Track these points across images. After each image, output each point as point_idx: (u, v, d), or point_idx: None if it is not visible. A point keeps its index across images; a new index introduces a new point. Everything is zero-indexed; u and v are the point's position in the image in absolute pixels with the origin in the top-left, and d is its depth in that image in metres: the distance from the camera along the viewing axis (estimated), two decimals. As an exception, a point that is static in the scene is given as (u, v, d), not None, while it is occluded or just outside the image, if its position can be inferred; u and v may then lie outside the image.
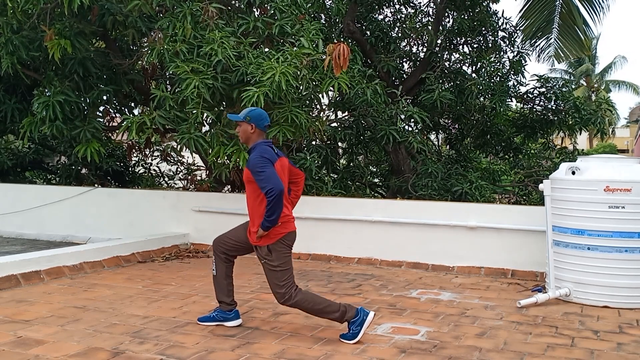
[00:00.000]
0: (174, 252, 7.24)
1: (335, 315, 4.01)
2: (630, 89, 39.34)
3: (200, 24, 6.40)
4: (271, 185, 3.86)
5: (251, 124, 4.09)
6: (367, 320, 4.01)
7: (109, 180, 11.12)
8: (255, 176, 3.95)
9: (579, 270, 5.11)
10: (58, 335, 4.04)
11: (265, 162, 3.95)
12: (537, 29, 9.98)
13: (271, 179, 3.89)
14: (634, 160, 5.38)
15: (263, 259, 4.07)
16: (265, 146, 4.08)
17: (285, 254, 4.05)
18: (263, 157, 3.96)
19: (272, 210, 3.88)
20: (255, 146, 4.08)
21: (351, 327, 3.99)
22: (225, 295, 4.32)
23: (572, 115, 9.48)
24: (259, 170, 3.92)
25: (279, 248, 4.02)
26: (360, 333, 3.98)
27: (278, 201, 3.87)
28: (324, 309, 4.02)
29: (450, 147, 10.97)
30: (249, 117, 4.10)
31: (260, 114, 4.17)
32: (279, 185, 3.88)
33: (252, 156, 4.03)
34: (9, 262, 5.54)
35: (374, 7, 10.09)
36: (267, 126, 4.21)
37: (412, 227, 6.69)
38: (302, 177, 4.42)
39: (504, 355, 3.78)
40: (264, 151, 4.02)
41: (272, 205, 3.87)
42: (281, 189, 3.89)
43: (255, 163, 3.95)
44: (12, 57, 7.09)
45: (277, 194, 3.85)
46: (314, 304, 4.03)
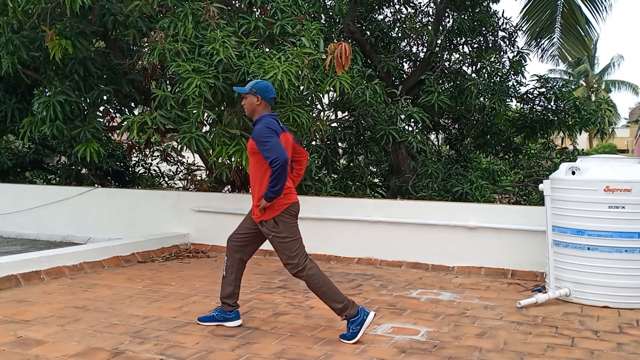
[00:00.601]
0: (174, 252, 7.24)
1: (338, 306, 4.00)
2: (629, 89, 39.35)
3: (201, 23, 6.41)
4: (276, 154, 3.86)
5: (257, 96, 4.10)
6: (367, 321, 4.00)
7: (109, 180, 11.12)
8: (259, 146, 3.94)
9: (578, 270, 5.11)
10: (58, 335, 4.05)
11: (271, 133, 3.95)
12: (540, 28, 10.00)
13: (276, 149, 3.88)
14: (634, 160, 5.38)
15: (271, 232, 4.05)
16: (271, 118, 4.09)
17: (292, 224, 4.05)
18: (268, 128, 3.97)
19: (276, 180, 3.88)
20: (261, 118, 4.09)
21: (350, 327, 3.99)
22: (229, 297, 4.31)
23: (572, 116, 9.49)
24: (263, 140, 3.92)
25: (285, 219, 4.02)
26: (360, 333, 3.97)
27: (283, 171, 3.87)
28: (330, 294, 4.00)
29: (450, 147, 10.97)
30: (254, 89, 4.11)
31: (267, 85, 4.18)
32: (283, 154, 3.88)
33: (257, 127, 4.02)
34: (9, 262, 5.54)
35: (374, 7, 10.10)
36: (272, 98, 4.21)
37: (412, 227, 6.69)
38: (306, 157, 4.42)
39: (504, 355, 3.78)
40: (269, 123, 4.02)
41: (276, 174, 3.86)
42: (286, 158, 3.89)
43: (261, 133, 3.95)
44: (12, 57, 7.09)
45: (282, 163, 3.85)
46: (322, 284, 4.01)
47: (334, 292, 4.03)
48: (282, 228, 4.02)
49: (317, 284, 4.03)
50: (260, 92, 4.11)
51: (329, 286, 4.03)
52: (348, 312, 3.99)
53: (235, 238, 4.33)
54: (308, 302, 5.00)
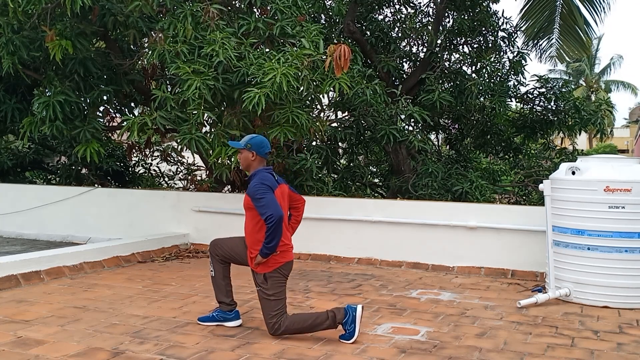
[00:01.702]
0: (174, 252, 7.24)
1: (327, 323, 4.00)
2: (629, 89, 39.36)
3: (201, 24, 6.41)
4: (271, 211, 3.88)
5: (252, 152, 4.13)
6: (357, 316, 4.01)
7: (109, 180, 11.12)
8: (255, 202, 3.96)
9: (578, 271, 5.11)
10: (58, 335, 4.05)
11: (266, 189, 3.97)
12: (539, 29, 10.00)
13: (271, 205, 3.90)
14: (634, 160, 5.38)
15: (258, 286, 4.09)
16: (266, 173, 4.10)
17: (281, 284, 4.07)
18: (263, 184, 3.98)
19: (271, 237, 3.90)
20: (256, 173, 4.11)
21: (345, 328, 4.00)
22: (224, 295, 4.33)
23: (572, 116, 9.49)
24: (258, 197, 3.94)
25: (275, 277, 4.03)
26: (356, 330, 3.97)
27: (277, 227, 3.89)
28: (313, 323, 4.02)
29: (450, 147, 10.97)
30: (249, 145, 4.13)
31: (262, 141, 4.20)
32: (278, 211, 3.90)
33: (252, 183, 4.04)
34: (9, 262, 5.54)
35: (374, 7, 10.09)
36: (267, 153, 4.23)
37: (412, 227, 6.69)
38: (303, 203, 4.43)
39: (504, 355, 3.78)
40: (264, 178, 4.04)
41: (271, 231, 3.88)
42: (281, 214, 3.90)
43: (256, 190, 3.97)
44: (12, 57, 7.10)
45: (277, 220, 3.87)
46: (302, 322, 4.04)
47: (314, 317, 4.03)
48: (269, 285, 4.02)
49: (298, 326, 4.03)
50: (255, 148, 4.12)
51: (306, 319, 4.04)
52: (337, 319, 4.00)
53: (220, 248, 4.35)
54: (308, 302, 5.00)
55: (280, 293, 4.06)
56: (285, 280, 4.11)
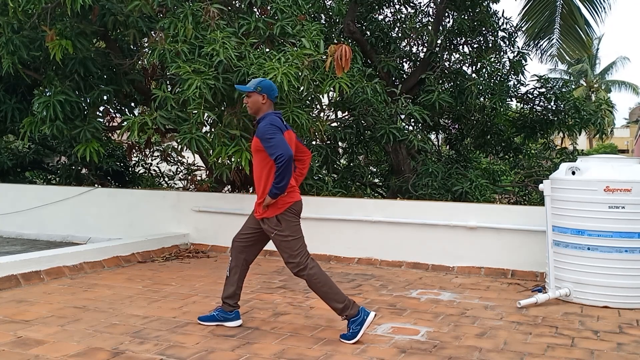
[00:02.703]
0: (174, 252, 7.24)
1: (339, 306, 4.00)
2: (630, 89, 39.35)
3: (201, 24, 6.41)
4: (281, 150, 3.86)
5: (263, 94, 4.10)
6: (368, 321, 4.00)
7: (109, 180, 11.12)
8: (264, 143, 3.94)
9: (578, 271, 5.11)
10: (58, 335, 4.05)
11: (275, 130, 3.95)
12: (539, 29, 10.00)
13: (280, 145, 3.89)
14: (634, 160, 5.38)
15: (273, 230, 4.05)
16: (275, 116, 4.08)
17: (295, 223, 4.05)
18: (273, 125, 3.97)
19: (281, 176, 3.88)
20: (265, 116, 4.08)
21: (351, 326, 3.99)
22: (231, 297, 4.31)
23: (572, 116, 9.50)
24: (268, 137, 3.92)
25: (287, 217, 4.02)
26: (360, 333, 3.97)
27: (287, 167, 3.88)
28: (331, 294, 4.01)
29: (450, 147, 10.98)
30: (260, 87, 4.10)
31: (271, 84, 4.19)
32: (288, 150, 3.89)
33: (261, 124, 4.01)
34: (9, 262, 5.54)
35: (374, 7, 10.10)
36: (277, 97, 4.24)
37: (412, 227, 6.69)
38: (309, 156, 4.41)
39: (504, 355, 3.78)
40: (273, 120, 4.02)
41: (281, 170, 3.87)
42: (291, 154, 3.89)
43: (265, 130, 3.95)
44: (12, 57, 7.10)
45: (287, 159, 3.86)
46: (324, 284, 4.02)
47: (335, 291, 4.03)
48: (284, 226, 4.02)
49: (319, 284, 4.03)
50: (265, 91, 4.11)
51: (330, 286, 4.03)
52: (349, 312, 3.99)
53: (240, 238, 4.34)
54: (308, 302, 5.00)
55: (297, 232, 4.05)
56: (298, 220, 4.09)
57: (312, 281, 4.04)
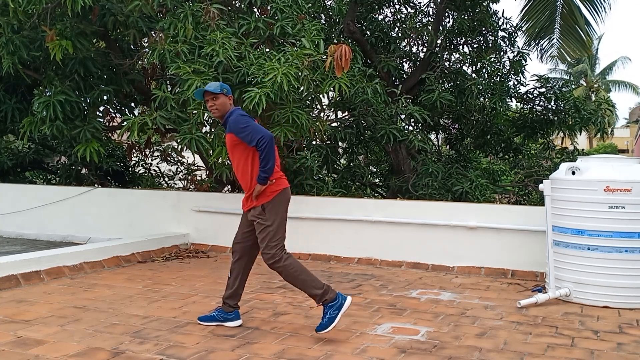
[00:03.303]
0: (174, 252, 7.24)
1: (318, 292, 4.00)
2: (630, 89, 39.35)
3: (201, 24, 6.41)
4: (260, 134, 3.93)
5: (229, 96, 4.20)
6: (345, 306, 4.02)
7: (109, 180, 11.12)
8: (240, 134, 3.99)
9: (579, 270, 5.11)
10: (58, 335, 4.05)
11: (247, 118, 4.04)
12: (540, 29, 10.01)
13: (257, 129, 3.97)
14: (634, 160, 5.38)
15: (256, 218, 4.07)
16: (240, 110, 4.16)
17: (280, 212, 4.07)
18: (242, 116, 4.05)
19: (266, 159, 3.94)
20: (231, 112, 4.14)
21: (328, 311, 3.98)
22: (231, 297, 4.32)
23: (572, 116, 9.49)
24: (242, 126, 3.99)
25: (274, 206, 4.05)
26: (337, 318, 3.97)
27: (270, 148, 3.93)
28: (309, 281, 4.02)
29: (450, 147, 10.98)
30: (225, 90, 4.18)
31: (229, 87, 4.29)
32: (267, 132, 3.96)
33: (230, 119, 4.07)
34: (9, 262, 5.54)
35: (374, 7, 10.10)
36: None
37: (412, 227, 6.69)
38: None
39: (504, 355, 3.78)
40: (241, 113, 4.11)
41: (265, 153, 3.92)
42: (271, 135, 3.95)
43: (237, 121, 4.01)
44: (12, 57, 7.10)
45: (269, 141, 3.92)
46: (300, 272, 4.03)
47: (312, 278, 4.05)
48: (268, 216, 4.04)
49: (295, 272, 4.03)
50: (230, 92, 4.22)
51: (306, 273, 4.05)
52: (328, 296, 4.01)
53: (237, 240, 4.36)
54: (308, 302, 5.00)
55: (280, 223, 4.06)
56: (283, 210, 4.10)
57: (288, 272, 4.04)
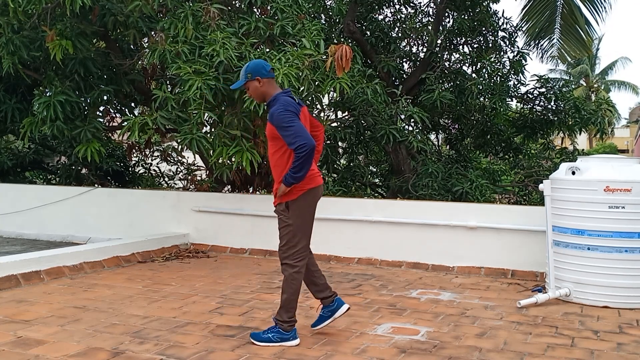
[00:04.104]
0: (174, 252, 7.24)
1: (285, 317, 3.86)
2: (630, 89, 39.36)
3: (201, 24, 6.41)
4: (303, 140, 3.61)
5: (256, 78, 3.84)
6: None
7: (109, 180, 11.13)
8: (281, 132, 3.68)
9: (578, 270, 5.11)
10: (58, 335, 4.05)
11: (292, 116, 3.68)
12: (540, 29, 10.00)
13: (301, 134, 3.63)
14: (634, 160, 5.38)
15: (280, 214, 3.85)
16: (286, 97, 3.81)
17: (304, 213, 3.83)
18: (288, 111, 3.70)
19: (300, 167, 3.64)
20: (275, 98, 3.82)
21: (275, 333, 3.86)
22: (322, 291, 4.08)
23: (572, 116, 9.49)
24: (285, 125, 3.66)
25: (299, 204, 3.80)
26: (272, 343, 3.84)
27: (309, 157, 3.64)
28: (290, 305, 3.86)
29: (450, 147, 10.98)
30: (249, 74, 3.85)
31: (257, 62, 3.92)
32: (310, 140, 3.64)
33: (274, 109, 3.74)
34: (9, 262, 5.54)
35: (374, 7, 10.10)
36: (271, 70, 3.92)
37: (412, 227, 6.69)
38: (322, 130, 4.17)
39: (504, 355, 3.78)
40: (286, 103, 3.74)
41: (302, 161, 3.62)
42: (313, 144, 3.64)
43: (281, 117, 3.68)
44: (13, 57, 7.10)
45: (309, 150, 3.61)
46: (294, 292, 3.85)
47: (294, 306, 3.89)
48: (291, 214, 3.81)
49: (290, 290, 3.85)
50: (256, 73, 3.84)
51: (296, 297, 3.89)
52: (286, 326, 3.87)
53: None
54: (308, 302, 5.00)
55: (301, 224, 3.82)
56: (310, 212, 3.86)
57: (289, 283, 3.85)
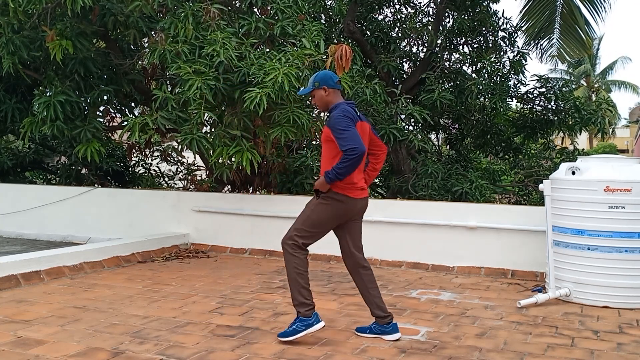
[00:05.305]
0: (174, 252, 7.24)
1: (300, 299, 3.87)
2: (630, 89, 39.35)
3: (201, 24, 6.41)
4: (355, 144, 3.67)
5: (323, 87, 3.97)
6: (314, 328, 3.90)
7: (109, 180, 11.13)
8: (335, 134, 3.75)
9: (578, 270, 5.11)
10: (58, 335, 4.05)
11: (348, 122, 3.76)
12: (539, 29, 10.00)
13: (354, 138, 3.70)
14: (634, 160, 5.38)
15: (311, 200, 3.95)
16: (347, 106, 3.91)
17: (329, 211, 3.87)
18: (345, 117, 3.79)
19: (346, 168, 3.70)
20: (336, 106, 3.93)
21: (297, 323, 3.89)
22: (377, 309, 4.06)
23: (572, 116, 9.49)
24: (340, 128, 3.74)
25: (328, 200, 3.84)
26: (301, 334, 3.87)
27: (356, 162, 3.70)
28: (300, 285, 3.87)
29: (450, 147, 10.98)
30: (317, 83, 3.98)
31: (326, 73, 4.05)
32: (362, 145, 3.70)
33: (333, 113, 3.86)
34: (9, 262, 5.54)
35: (374, 7, 10.09)
36: (338, 82, 4.03)
37: (412, 227, 6.69)
38: (384, 151, 4.20)
39: (504, 355, 3.78)
40: (346, 111, 3.85)
41: (349, 163, 3.68)
42: (364, 149, 3.70)
43: (337, 121, 3.77)
44: (13, 57, 7.10)
45: (359, 154, 3.67)
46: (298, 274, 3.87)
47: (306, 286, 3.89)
48: (317, 203, 3.87)
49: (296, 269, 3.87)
50: (323, 82, 3.97)
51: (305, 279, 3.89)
52: (306, 311, 3.89)
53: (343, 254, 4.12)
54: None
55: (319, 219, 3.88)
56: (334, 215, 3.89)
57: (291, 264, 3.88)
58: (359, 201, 3.97)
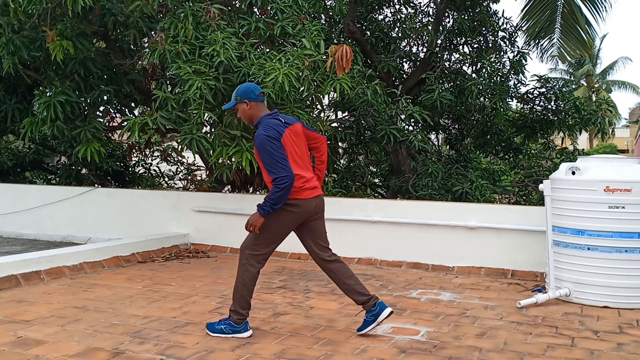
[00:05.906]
0: (174, 252, 7.24)
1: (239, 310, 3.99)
2: (630, 89, 39.36)
3: (201, 24, 6.41)
4: (284, 172, 3.68)
5: (244, 101, 3.95)
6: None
7: (109, 180, 11.13)
8: (263, 160, 3.76)
9: (578, 271, 5.11)
10: (58, 335, 4.05)
11: (273, 144, 3.73)
12: (540, 29, 9.99)
13: (282, 166, 3.69)
14: (634, 160, 5.38)
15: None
16: (270, 119, 3.87)
17: (284, 219, 3.86)
18: (269, 137, 3.74)
19: (279, 197, 3.70)
20: (260, 121, 3.90)
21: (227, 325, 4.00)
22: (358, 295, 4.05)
23: (572, 116, 9.50)
24: (266, 155, 3.73)
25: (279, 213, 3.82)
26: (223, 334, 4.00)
27: (288, 190, 3.70)
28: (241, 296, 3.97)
29: (450, 147, 10.98)
30: (239, 97, 3.97)
31: (247, 86, 4.03)
32: (290, 173, 3.69)
33: (257, 132, 3.81)
34: (9, 262, 5.54)
35: (374, 7, 10.09)
36: (261, 93, 4.00)
37: (412, 227, 6.69)
38: (323, 141, 4.17)
39: (504, 355, 3.78)
40: (267, 126, 3.80)
41: (281, 193, 3.68)
42: (293, 176, 3.70)
43: (262, 145, 3.75)
44: (13, 57, 7.11)
45: (289, 183, 3.68)
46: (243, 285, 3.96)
47: (248, 300, 4.00)
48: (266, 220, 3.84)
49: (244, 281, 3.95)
50: (245, 96, 3.96)
51: (249, 292, 3.99)
52: (238, 319, 4.00)
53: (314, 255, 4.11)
54: (308, 302, 5.00)
55: (278, 231, 3.89)
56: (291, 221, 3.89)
57: (240, 273, 3.96)
58: (312, 200, 3.94)
